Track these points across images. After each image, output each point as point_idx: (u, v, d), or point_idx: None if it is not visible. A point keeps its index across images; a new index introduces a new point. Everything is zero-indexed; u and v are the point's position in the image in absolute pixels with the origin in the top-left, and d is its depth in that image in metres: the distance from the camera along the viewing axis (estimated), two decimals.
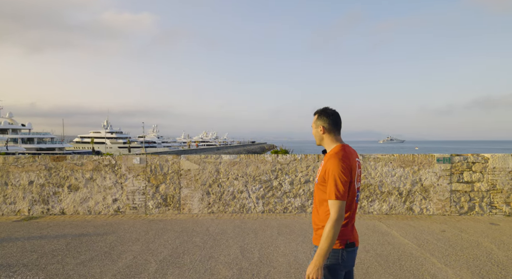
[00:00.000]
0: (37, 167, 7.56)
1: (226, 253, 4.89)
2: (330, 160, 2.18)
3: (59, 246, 5.29)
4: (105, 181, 7.59)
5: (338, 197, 2.09)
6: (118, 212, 7.56)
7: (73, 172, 7.59)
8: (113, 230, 6.19)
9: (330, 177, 2.14)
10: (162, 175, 7.58)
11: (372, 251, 4.89)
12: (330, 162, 2.17)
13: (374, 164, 7.31)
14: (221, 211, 7.51)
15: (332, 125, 2.34)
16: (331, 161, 2.17)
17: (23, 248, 5.18)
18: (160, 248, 5.15)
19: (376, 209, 7.29)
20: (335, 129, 2.35)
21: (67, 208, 7.55)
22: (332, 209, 2.10)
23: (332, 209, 2.09)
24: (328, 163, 2.18)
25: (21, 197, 7.52)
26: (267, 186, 7.47)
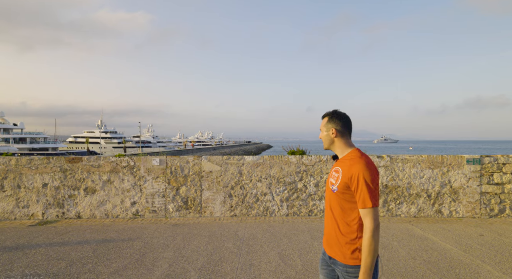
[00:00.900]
0: (52, 169, 7.26)
1: (266, 260, 4.65)
2: (356, 165, 2.01)
3: (85, 253, 5.01)
4: (123, 183, 7.31)
5: (375, 204, 1.94)
6: (137, 216, 7.29)
7: (90, 173, 7.30)
8: (137, 235, 5.92)
9: (361, 183, 1.96)
10: (182, 177, 7.32)
11: (418, 257, 4.67)
12: (357, 167, 2.00)
13: (402, 165, 7.11)
14: (244, 214, 7.27)
15: (344, 128, 2.21)
16: (358, 166, 2.00)
17: (48, 256, 4.90)
18: (194, 254, 4.90)
19: (404, 212, 7.09)
20: (347, 132, 2.23)
21: (83, 211, 7.26)
22: (367, 218, 1.94)
23: (368, 217, 1.93)
24: (355, 169, 2.00)
25: (34, 200, 7.21)
26: (291, 188, 7.24)
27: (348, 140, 2.22)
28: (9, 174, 7.19)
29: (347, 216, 2.05)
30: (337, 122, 2.22)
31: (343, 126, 2.21)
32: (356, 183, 1.98)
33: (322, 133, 2.29)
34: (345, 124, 2.22)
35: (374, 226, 1.92)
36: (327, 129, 2.25)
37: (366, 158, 2.07)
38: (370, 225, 1.92)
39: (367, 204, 1.94)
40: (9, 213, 7.16)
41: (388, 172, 7.11)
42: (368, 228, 1.92)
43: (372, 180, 1.96)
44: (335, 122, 2.22)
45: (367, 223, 1.93)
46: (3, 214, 7.15)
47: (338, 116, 2.23)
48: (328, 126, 2.24)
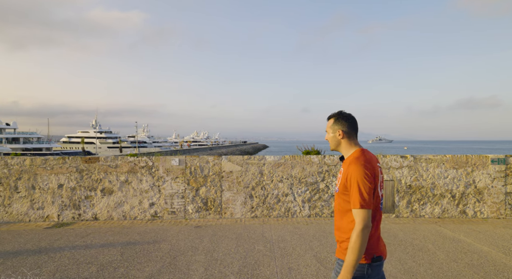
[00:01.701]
0: (68, 169, 7.07)
1: (303, 263, 4.50)
2: (352, 166, 2.03)
3: (113, 256, 4.84)
4: (141, 184, 7.13)
5: (363, 206, 1.93)
6: (156, 217, 7.12)
7: (107, 174, 7.11)
8: (161, 238, 5.75)
9: (353, 184, 1.98)
10: (202, 177, 7.16)
11: (459, 260, 4.55)
12: (352, 167, 2.02)
13: (426, 165, 7.01)
14: (265, 215, 7.13)
15: (350, 129, 2.22)
16: (353, 167, 2.01)
17: (75, 259, 4.72)
18: (227, 257, 4.74)
19: (428, 213, 6.99)
20: (354, 132, 2.23)
21: (100, 213, 7.07)
22: (357, 218, 1.94)
23: (357, 218, 1.94)
24: (350, 169, 2.02)
25: (50, 201, 7.01)
26: (313, 188, 7.11)
27: (354, 141, 2.22)
28: (23, 174, 6.98)
29: (346, 217, 2.07)
30: (343, 124, 2.22)
31: (349, 127, 2.21)
32: (349, 183, 2.00)
33: (328, 135, 2.29)
34: (351, 125, 2.22)
35: (361, 227, 1.91)
36: (333, 131, 2.25)
37: (364, 158, 2.06)
38: (358, 225, 1.92)
39: (355, 204, 1.95)
40: (24, 214, 6.96)
41: (411, 172, 7.00)
42: (356, 228, 1.92)
43: (363, 181, 1.95)
44: (341, 123, 2.22)
45: (356, 223, 1.94)
46: (17, 216, 6.94)
47: (344, 118, 2.23)
48: (334, 128, 2.24)
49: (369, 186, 1.96)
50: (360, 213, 1.93)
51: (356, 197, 1.95)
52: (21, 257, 4.84)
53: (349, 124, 2.21)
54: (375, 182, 2.01)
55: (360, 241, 1.89)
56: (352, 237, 1.92)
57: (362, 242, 1.90)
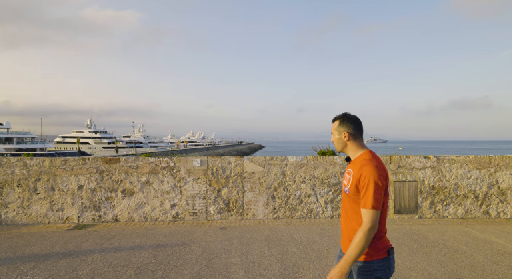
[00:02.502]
0: (88, 170, 6.96)
1: None
2: (365, 167, 2.05)
3: (147, 259, 4.75)
4: (162, 185, 7.05)
5: (374, 207, 1.99)
6: (177, 219, 7.03)
7: (128, 175, 7.02)
8: (189, 239, 5.67)
9: (367, 185, 2.01)
10: (224, 178, 7.09)
11: (500, 263, 4.52)
12: (366, 169, 2.04)
13: (449, 166, 7.00)
14: (287, 216, 7.07)
15: (356, 131, 2.24)
16: (367, 168, 2.04)
17: (109, 262, 4.63)
18: (263, 260, 4.68)
19: (451, 213, 6.98)
20: (359, 134, 2.26)
21: (120, 214, 6.97)
22: (365, 218, 2.00)
23: (366, 218, 2.00)
24: (363, 170, 2.05)
25: (69, 203, 6.90)
26: (336, 189, 7.07)
27: (361, 142, 2.25)
28: (43, 175, 6.86)
29: (359, 216, 2.09)
30: (348, 126, 2.24)
31: (355, 129, 2.24)
32: (363, 184, 2.03)
33: (334, 137, 2.31)
34: (357, 127, 2.25)
35: (370, 227, 1.97)
36: (339, 133, 2.28)
37: (376, 160, 2.10)
38: (366, 225, 1.98)
39: (367, 205, 1.99)
40: (43, 216, 6.84)
41: (435, 173, 6.98)
42: (363, 228, 1.98)
43: (376, 183, 2.00)
44: (346, 125, 2.25)
45: (364, 222, 1.99)
46: (36, 218, 6.82)
47: (349, 120, 2.26)
48: (340, 130, 2.27)
49: (382, 188, 2.02)
50: (370, 213, 1.99)
51: (370, 197, 1.99)
52: (52, 259, 4.74)
53: (354, 126, 2.24)
54: (386, 183, 2.07)
55: (365, 239, 1.96)
56: (358, 235, 1.97)
57: (367, 241, 1.96)
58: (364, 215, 2.01)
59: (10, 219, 6.75)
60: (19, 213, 6.78)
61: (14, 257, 4.87)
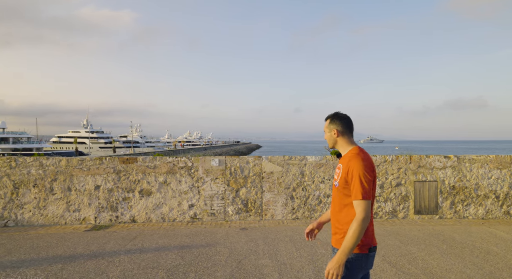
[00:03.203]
0: (105, 170, 6.86)
1: (379, 268, 4.39)
2: (352, 161, 2.20)
3: (175, 260, 4.67)
4: (180, 185, 6.96)
5: (364, 197, 2.10)
6: (195, 219, 6.95)
7: (145, 175, 6.93)
8: (213, 240, 5.60)
9: (354, 177, 2.15)
10: (242, 178, 7.02)
11: None
12: (353, 162, 2.19)
13: (469, 166, 6.96)
14: (306, 217, 7.01)
15: (345, 128, 2.38)
16: (354, 161, 2.18)
17: (137, 264, 4.55)
18: (294, 262, 4.61)
19: (471, 213, 6.94)
20: (348, 131, 2.39)
21: (138, 215, 6.88)
22: (358, 208, 2.11)
23: (358, 208, 2.11)
24: (351, 164, 2.19)
25: (86, 203, 6.80)
26: None
27: (350, 139, 2.39)
28: (59, 175, 6.76)
29: (346, 209, 2.23)
30: (338, 123, 2.40)
31: (343, 126, 2.38)
32: (351, 176, 2.16)
33: (326, 134, 2.46)
34: (345, 124, 2.38)
35: (363, 217, 2.08)
36: (329, 130, 2.43)
37: (363, 154, 2.24)
38: (359, 215, 2.09)
39: (357, 195, 2.11)
40: (59, 217, 6.73)
41: (455, 173, 6.95)
42: (357, 218, 2.08)
43: (364, 174, 2.13)
44: (336, 123, 2.40)
45: (357, 213, 2.10)
46: (52, 218, 6.72)
47: (338, 118, 2.41)
48: (330, 128, 2.43)
49: (369, 178, 2.14)
50: (362, 203, 2.10)
51: (358, 188, 2.11)
52: (79, 261, 4.65)
53: (343, 124, 2.38)
54: (373, 175, 2.19)
55: (360, 229, 2.06)
56: (353, 226, 2.07)
57: (362, 230, 2.06)
58: (356, 206, 2.12)
59: (26, 220, 6.64)
60: (35, 214, 6.67)
61: (39, 258, 4.78)
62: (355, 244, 2.06)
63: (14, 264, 4.55)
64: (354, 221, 2.09)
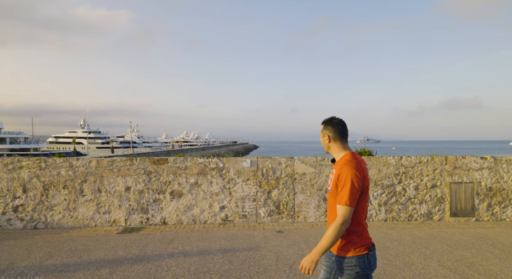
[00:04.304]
0: (135, 171, 6.71)
1: (433, 272, 4.27)
2: (343, 168, 2.24)
3: (223, 265, 4.54)
4: (211, 186, 6.82)
5: (348, 204, 2.16)
6: (226, 221, 6.81)
7: (176, 176, 6.78)
8: (254, 243, 5.46)
9: (345, 183, 2.19)
10: (274, 180, 6.89)
11: None
12: (344, 169, 2.23)
13: (506, 167, 6.88)
14: None
15: (337, 134, 2.40)
16: (345, 169, 2.22)
17: (185, 268, 4.41)
18: None
19: (509, 216, 6.85)
20: (341, 137, 2.40)
21: (169, 217, 6.73)
22: (339, 212, 2.18)
23: (340, 212, 2.18)
24: (342, 170, 2.23)
25: (116, 205, 6.64)
26: (389, 191, 6.90)
27: (343, 144, 2.40)
28: (89, 176, 6.59)
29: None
30: (330, 129, 2.42)
31: (335, 132, 2.40)
32: (341, 183, 2.22)
33: (320, 139, 2.50)
34: (338, 130, 2.40)
35: (342, 221, 2.16)
36: (323, 135, 2.47)
37: (355, 162, 2.27)
38: (338, 219, 2.17)
39: (341, 201, 2.18)
40: (89, 219, 6.57)
41: (492, 174, 6.86)
42: (336, 222, 2.17)
43: (352, 183, 2.17)
44: (328, 129, 2.43)
45: (338, 216, 2.18)
46: (82, 221, 6.55)
47: (331, 124, 2.43)
48: (323, 133, 2.46)
49: (357, 187, 2.18)
50: (344, 209, 2.17)
51: (345, 194, 2.17)
52: (125, 265, 4.51)
53: (336, 130, 2.39)
54: (363, 183, 2.23)
55: (336, 233, 2.14)
56: (331, 228, 2.16)
57: (338, 234, 2.15)
58: (338, 210, 2.19)
59: (56, 222, 6.47)
60: (65, 216, 6.50)
61: (82, 262, 4.62)
62: (329, 245, 2.14)
63: (60, 268, 4.40)
64: (333, 224, 2.17)
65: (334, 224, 2.16)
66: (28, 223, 6.42)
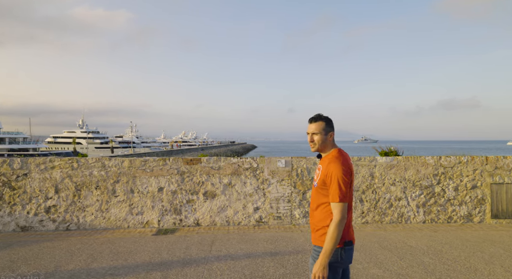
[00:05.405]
0: (168, 171, 6.52)
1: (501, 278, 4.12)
2: (332, 164, 2.29)
3: (278, 269, 4.36)
4: (245, 187, 6.65)
5: (341, 199, 2.22)
6: (261, 222, 6.64)
7: (209, 176, 6.60)
8: (299, 246, 5.29)
9: (333, 180, 2.24)
10: (309, 180, 6.71)
11: None
12: (332, 165, 2.28)
13: None
14: (376, 221, 6.72)
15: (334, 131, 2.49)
16: (333, 165, 2.28)
17: (240, 273, 4.23)
18: (409, 272, 4.30)
19: None
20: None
21: (202, 218, 6.55)
22: (335, 210, 2.22)
23: (335, 210, 2.22)
24: (330, 167, 2.29)
25: (149, 206, 6.45)
26: (428, 192, 6.74)
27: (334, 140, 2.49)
28: (122, 177, 6.40)
29: (322, 207, 2.35)
30: (332, 126, 2.48)
31: (333, 129, 2.49)
32: (329, 179, 2.27)
33: (319, 136, 2.47)
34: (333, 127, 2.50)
35: (339, 218, 2.20)
36: (326, 133, 2.45)
37: (342, 157, 2.33)
38: (336, 217, 2.21)
39: (335, 198, 2.23)
40: (122, 220, 6.38)
41: None
42: (334, 220, 2.21)
43: (342, 178, 2.23)
44: (331, 126, 2.48)
45: (334, 215, 2.22)
46: (115, 222, 6.36)
47: (331, 121, 2.49)
48: (327, 130, 2.46)
49: (347, 181, 2.24)
50: (339, 206, 2.21)
51: (336, 191, 2.22)
52: (175, 269, 4.33)
53: (333, 127, 2.48)
54: (351, 178, 2.30)
55: (337, 231, 2.17)
56: (331, 228, 2.19)
57: (339, 232, 2.18)
58: (333, 208, 2.23)
59: (88, 223, 6.28)
60: (98, 217, 6.30)
61: (129, 265, 4.44)
62: (334, 245, 2.17)
63: (109, 271, 4.22)
64: (332, 223, 2.20)
65: (333, 223, 2.19)
66: (60, 224, 6.22)
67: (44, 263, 4.51)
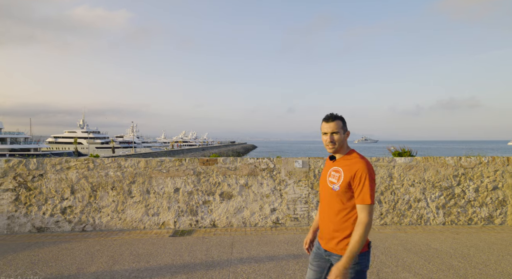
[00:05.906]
0: (184, 172, 6.42)
1: None
2: (359, 164, 2.19)
3: (299, 273, 4.26)
4: (261, 188, 6.54)
5: (373, 201, 2.13)
6: (277, 224, 6.53)
7: (226, 177, 6.49)
8: None
9: (364, 181, 2.14)
10: None
11: None
12: (360, 166, 2.18)
13: None
14: (395, 222, 6.62)
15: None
16: (361, 166, 2.18)
17: (265, 276, 4.13)
18: (441, 276, 4.20)
19: None
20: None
21: (218, 219, 6.45)
22: (363, 213, 2.12)
23: (364, 212, 2.12)
24: (357, 167, 2.18)
25: (165, 207, 6.35)
26: (448, 193, 6.64)
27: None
28: (138, 177, 6.30)
29: (344, 213, 2.22)
30: (346, 125, 2.38)
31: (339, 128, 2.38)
32: (358, 181, 2.15)
33: (338, 136, 2.36)
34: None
35: (368, 221, 2.10)
36: (344, 132, 2.35)
37: (365, 158, 2.26)
38: (365, 219, 2.10)
39: (365, 200, 2.12)
40: (138, 221, 6.28)
41: None
42: (363, 222, 2.10)
43: (371, 179, 2.15)
44: (346, 125, 2.38)
45: (363, 217, 2.11)
46: (131, 223, 6.26)
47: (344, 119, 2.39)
48: (345, 129, 2.36)
49: (375, 183, 2.17)
50: (368, 208, 2.12)
51: (368, 192, 2.12)
52: (200, 272, 4.23)
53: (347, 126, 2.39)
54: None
55: (365, 234, 2.08)
56: (359, 231, 2.08)
57: (366, 234, 2.09)
58: (362, 210, 2.12)
59: (104, 224, 6.17)
60: (114, 218, 6.20)
61: (152, 267, 4.34)
62: (360, 248, 2.08)
63: (132, 274, 4.12)
64: (360, 225, 2.10)
65: (362, 225, 2.10)
66: (76, 225, 6.12)
67: (65, 264, 4.41)
